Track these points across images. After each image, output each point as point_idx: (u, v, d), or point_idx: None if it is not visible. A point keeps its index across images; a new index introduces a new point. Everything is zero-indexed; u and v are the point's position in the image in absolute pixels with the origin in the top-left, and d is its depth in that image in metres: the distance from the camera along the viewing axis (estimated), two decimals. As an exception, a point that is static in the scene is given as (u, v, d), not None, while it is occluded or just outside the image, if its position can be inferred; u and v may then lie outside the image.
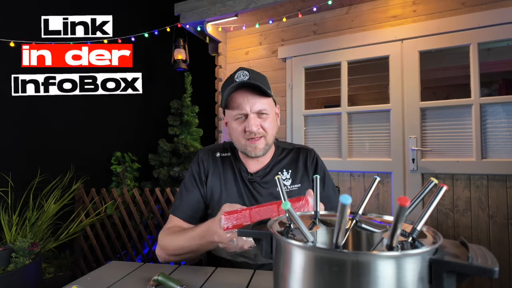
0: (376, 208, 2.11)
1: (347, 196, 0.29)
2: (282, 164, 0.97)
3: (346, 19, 2.26)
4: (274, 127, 0.92)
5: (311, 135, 2.39)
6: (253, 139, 0.87)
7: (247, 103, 0.85)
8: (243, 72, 0.88)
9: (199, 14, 2.37)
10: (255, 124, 0.85)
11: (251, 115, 0.86)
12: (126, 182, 2.42)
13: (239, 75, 0.87)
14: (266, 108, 0.87)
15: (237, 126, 0.88)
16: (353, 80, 3.29)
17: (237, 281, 0.71)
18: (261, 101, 0.86)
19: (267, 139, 0.90)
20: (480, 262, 0.31)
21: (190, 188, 0.95)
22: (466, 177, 1.87)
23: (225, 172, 0.96)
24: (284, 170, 0.96)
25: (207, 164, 0.97)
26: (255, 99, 0.86)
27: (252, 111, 0.86)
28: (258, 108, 0.86)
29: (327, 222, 0.52)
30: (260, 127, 0.87)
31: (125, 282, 0.72)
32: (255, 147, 0.88)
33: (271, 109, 0.89)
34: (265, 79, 0.91)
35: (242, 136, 0.88)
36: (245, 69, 0.89)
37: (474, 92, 1.86)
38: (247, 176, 0.94)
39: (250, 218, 0.66)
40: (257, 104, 0.86)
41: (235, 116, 0.88)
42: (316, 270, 0.34)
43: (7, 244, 1.49)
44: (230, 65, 2.69)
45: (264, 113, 0.87)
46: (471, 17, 1.88)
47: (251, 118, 0.85)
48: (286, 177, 0.95)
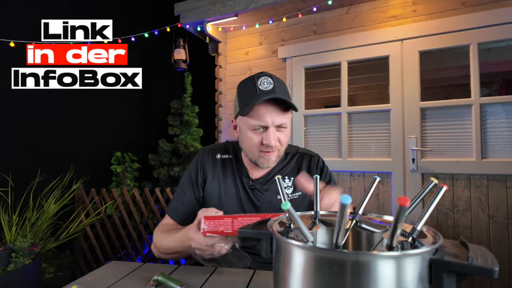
0: (376, 208, 2.11)
1: (347, 196, 0.29)
2: (285, 171, 0.95)
3: (346, 19, 2.26)
4: (288, 140, 0.89)
5: (311, 135, 2.39)
6: (267, 152, 0.84)
7: (269, 116, 0.81)
8: (267, 80, 0.83)
9: (199, 14, 2.37)
10: (275, 138, 0.82)
11: (271, 128, 0.82)
12: (126, 182, 2.42)
13: (263, 82, 0.82)
14: (286, 122, 0.84)
15: (253, 136, 0.84)
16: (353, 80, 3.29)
17: (237, 281, 0.71)
18: (283, 115, 0.83)
19: (280, 152, 0.88)
20: (480, 262, 0.31)
21: (185, 190, 0.94)
22: (466, 177, 1.87)
23: (225, 175, 0.93)
24: (286, 177, 0.93)
25: (206, 168, 0.94)
26: (278, 113, 0.81)
27: (273, 125, 0.82)
28: (279, 122, 0.82)
29: (327, 222, 0.52)
30: (277, 141, 0.84)
31: (125, 282, 0.72)
32: (268, 159, 0.85)
33: (289, 122, 0.86)
34: (286, 88, 0.88)
35: (257, 147, 0.85)
36: (268, 75, 0.84)
37: (474, 92, 1.86)
38: (248, 182, 0.92)
39: (232, 226, 0.65)
40: (279, 117, 0.82)
41: (253, 126, 0.83)
42: (316, 270, 0.34)
43: (7, 244, 1.49)
44: (230, 65, 2.69)
45: (284, 127, 0.84)
46: (471, 17, 1.88)
47: (271, 132, 0.81)
48: (288, 184, 0.92)
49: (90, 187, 2.17)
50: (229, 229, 0.65)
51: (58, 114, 2.12)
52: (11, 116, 1.85)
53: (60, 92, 2.10)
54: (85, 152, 2.28)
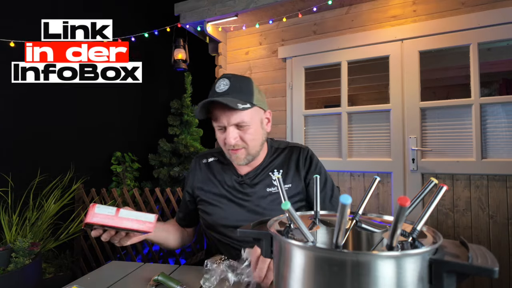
0: (376, 208, 2.11)
1: (347, 196, 0.29)
2: (273, 164, 0.96)
3: (346, 19, 2.26)
4: (257, 138, 0.88)
5: (311, 135, 2.39)
6: (233, 150, 0.87)
7: (224, 116, 0.83)
8: (224, 81, 0.85)
9: (199, 14, 2.37)
10: (233, 137, 0.84)
11: (229, 128, 0.84)
12: (126, 182, 2.42)
13: (220, 84, 0.85)
14: (245, 120, 0.83)
15: (220, 136, 0.89)
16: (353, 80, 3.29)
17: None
18: (239, 114, 0.83)
19: (249, 150, 0.88)
20: (480, 262, 0.31)
21: (185, 199, 1.04)
22: (466, 177, 1.87)
23: (215, 176, 0.98)
24: (275, 170, 0.94)
25: (195, 175, 1.01)
26: (232, 112, 0.82)
27: (230, 124, 0.84)
28: (236, 121, 0.83)
29: (327, 222, 0.52)
30: (239, 139, 0.85)
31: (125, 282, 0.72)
32: (236, 157, 0.88)
33: (252, 119, 0.85)
34: (246, 87, 0.86)
35: (224, 146, 0.89)
36: (227, 76, 0.86)
37: (474, 92, 1.86)
38: (237, 178, 0.94)
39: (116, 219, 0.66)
40: (234, 116, 0.83)
41: (217, 127, 0.88)
42: (316, 270, 0.34)
43: (7, 244, 1.49)
44: (230, 65, 2.69)
45: (244, 125, 0.84)
46: (471, 17, 1.88)
47: (229, 131, 0.84)
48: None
49: (90, 187, 2.17)
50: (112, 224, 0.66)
51: (58, 114, 2.12)
52: (11, 116, 1.85)
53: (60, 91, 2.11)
54: (85, 152, 2.28)
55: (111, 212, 0.66)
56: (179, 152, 2.64)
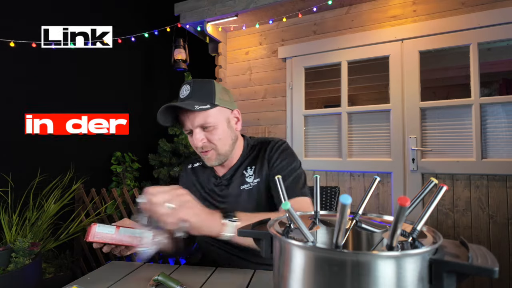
0: (376, 208, 2.11)
1: (347, 196, 0.29)
2: (246, 162, 0.95)
3: (346, 19, 2.26)
4: (225, 137, 0.87)
5: (311, 135, 2.39)
6: (203, 152, 0.88)
7: (187, 119, 0.85)
8: (185, 87, 0.86)
9: (199, 14, 2.37)
10: (199, 139, 0.85)
11: (195, 131, 0.85)
12: (126, 182, 2.42)
13: (182, 90, 0.87)
14: (209, 120, 0.83)
15: (190, 140, 0.90)
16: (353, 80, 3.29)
17: (237, 281, 0.71)
18: (201, 115, 0.83)
19: (218, 150, 0.87)
20: (480, 262, 0.31)
21: None
22: (466, 177, 1.87)
23: (198, 181, 1.00)
24: (248, 167, 0.93)
25: (183, 180, 1.04)
26: (194, 115, 0.83)
27: (194, 127, 0.84)
28: (199, 123, 0.84)
29: (327, 222, 0.52)
30: (206, 141, 0.86)
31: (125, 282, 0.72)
32: (207, 158, 0.89)
33: (217, 119, 0.85)
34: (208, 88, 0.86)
35: (196, 149, 0.90)
36: (188, 82, 0.86)
37: (474, 92, 1.86)
38: (216, 181, 0.96)
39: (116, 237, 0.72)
40: (197, 118, 0.83)
41: (185, 132, 0.90)
42: (316, 270, 0.34)
43: (7, 244, 1.49)
44: (230, 65, 2.69)
45: (209, 126, 0.84)
46: (471, 17, 1.88)
47: (195, 134, 0.85)
48: (250, 174, 0.92)
49: (90, 187, 2.16)
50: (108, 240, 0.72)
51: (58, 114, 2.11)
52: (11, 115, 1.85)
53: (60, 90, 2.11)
54: (85, 152, 2.28)
55: (111, 231, 0.72)
56: (179, 152, 2.64)
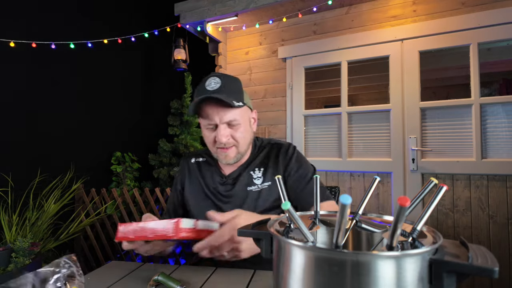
0: (376, 208, 2.11)
1: (347, 196, 0.29)
2: (255, 163, 0.95)
3: (346, 19, 2.26)
4: (246, 136, 0.89)
5: (311, 135, 2.39)
6: (223, 148, 0.87)
7: (216, 114, 0.84)
8: (214, 79, 0.85)
9: (199, 14, 2.37)
10: (225, 135, 0.85)
11: (221, 126, 0.84)
12: (126, 182, 2.42)
13: (210, 82, 0.85)
14: (236, 118, 0.85)
15: (208, 135, 0.88)
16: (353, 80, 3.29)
17: (237, 281, 0.71)
18: (231, 112, 0.84)
19: (239, 148, 0.88)
20: (480, 262, 0.31)
21: (171, 194, 1.05)
22: (466, 177, 1.87)
23: (202, 176, 0.99)
24: (256, 168, 0.93)
25: (182, 173, 1.03)
26: (225, 110, 0.83)
27: (222, 122, 0.84)
28: (228, 119, 0.84)
29: (327, 222, 0.52)
30: (230, 137, 0.86)
31: (125, 282, 0.72)
32: (226, 155, 0.88)
33: (242, 118, 0.87)
34: (237, 86, 0.88)
35: (213, 144, 0.88)
36: (218, 75, 0.86)
37: (474, 92, 1.86)
38: (221, 179, 0.95)
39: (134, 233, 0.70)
40: (227, 114, 0.84)
41: (206, 126, 0.88)
42: (316, 270, 0.34)
43: (7, 244, 1.49)
44: (230, 65, 2.69)
45: (235, 123, 0.85)
46: (471, 17, 1.88)
47: (221, 129, 0.84)
48: (258, 175, 0.92)
49: (90, 187, 2.16)
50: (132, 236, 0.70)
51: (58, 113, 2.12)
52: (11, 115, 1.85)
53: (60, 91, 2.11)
54: (85, 152, 2.28)
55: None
56: (179, 152, 2.64)
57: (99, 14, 2.42)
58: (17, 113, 1.89)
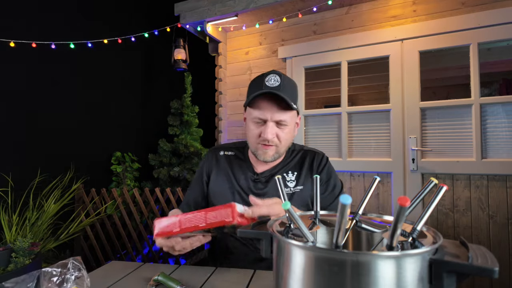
0: (376, 208, 2.11)
1: (347, 196, 0.29)
2: (289, 166, 0.97)
3: (346, 19, 2.26)
4: (289, 138, 0.91)
5: (311, 135, 2.39)
6: (265, 145, 0.88)
7: (269, 110, 0.85)
8: (275, 77, 0.86)
9: (199, 14, 2.37)
10: (272, 132, 0.86)
11: (269, 123, 0.86)
12: (126, 182, 2.42)
13: (270, 78, 0.86)
14: (286, 119, 0.86)
15: (253, 128, 0.89)
16: (353, 80, 3.29)
17: (237, 281, 0.71)
18: (283, 112, 0.85)
19: (279, 148, 0.90)
20: (480, 262, 0.31)
21: (194, 188, 1.02)
22: (466, 177, 1.87)
23: (232, 170, 0.98)
24: (290, 171, 0.96)
25: (209, 166, 1.01)
26: (278, 109, 0.85)
27: (272, 120, 0.86)
28: (279, 118, 0.85)
29: (327, 222, 0.52)
30: (275, 136, 0.87)
31: (125, 282, 0.72)
32: (265, 152, 0.89)
33: (291, 120, 0.89)
34: (294, 89, 0.90)
35: (256, 139, 0.89)
36: (278, 73, 0.87)
37: (474, 92, 1.86)
38: (253, 176, 0.95)
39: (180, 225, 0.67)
40: (280, 114, 0.85)
41: (254, 118, 0.88)
42: (316, 270, 0.34)
43: (7, 244, 1.49)
44: (230, 65, 2.69)
45: (283, 124, 0.87)
46: (471, 17, 1.88)
47: (269, 126, 0.85)
48: (291, 178, 0.95)
49: (90, 187, 2.16)
50: (177, 228, 0.67)
51: (58, 113, 2.12)
52: (11, 115, 1.85)
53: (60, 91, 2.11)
54: (85, 152, 2.28)
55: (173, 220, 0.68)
56: (179, 152, 2.64)
57: (99, 14, 2.42)
58: (17, 113, 1.89)
